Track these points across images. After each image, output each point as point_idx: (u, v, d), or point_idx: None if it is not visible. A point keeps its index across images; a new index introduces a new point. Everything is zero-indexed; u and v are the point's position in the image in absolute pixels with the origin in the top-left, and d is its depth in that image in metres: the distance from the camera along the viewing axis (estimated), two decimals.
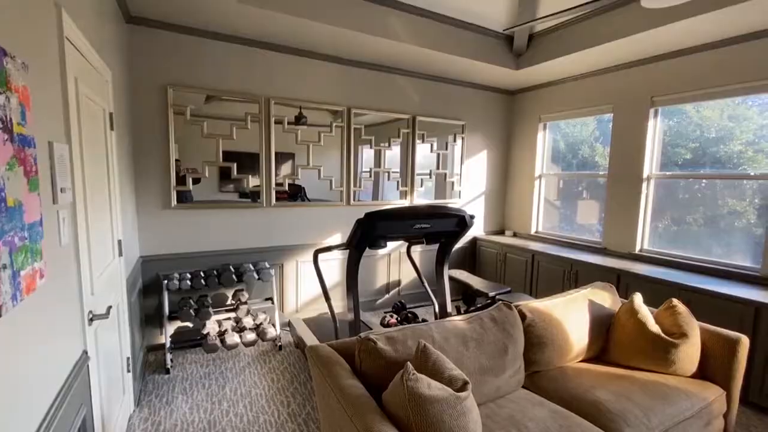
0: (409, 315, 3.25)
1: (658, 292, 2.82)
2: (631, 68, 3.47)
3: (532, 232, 4.52)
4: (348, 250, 2.17)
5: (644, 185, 3.44)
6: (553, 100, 4.20)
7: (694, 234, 3.22)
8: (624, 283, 3.11)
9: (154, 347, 3.03)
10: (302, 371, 2.74)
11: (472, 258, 4.65)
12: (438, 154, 4.26)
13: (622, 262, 3.38)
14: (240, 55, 3.12)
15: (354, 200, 3.77)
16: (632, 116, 3.48)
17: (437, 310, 2.63)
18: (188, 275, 2.95)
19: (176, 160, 2.97)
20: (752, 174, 2.85)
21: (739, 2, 2.28)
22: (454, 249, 4.40)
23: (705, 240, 3.15)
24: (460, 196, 4.44)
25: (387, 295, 4.07)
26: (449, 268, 4.17)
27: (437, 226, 2.17)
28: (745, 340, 1.87)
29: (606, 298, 2.25)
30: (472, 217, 2.24)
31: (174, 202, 2.98)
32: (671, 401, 1.70)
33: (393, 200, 4.04)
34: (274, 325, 3.08)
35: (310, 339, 2.79)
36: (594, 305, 2.14)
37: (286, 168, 3.42)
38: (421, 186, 4.16)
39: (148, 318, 2.98)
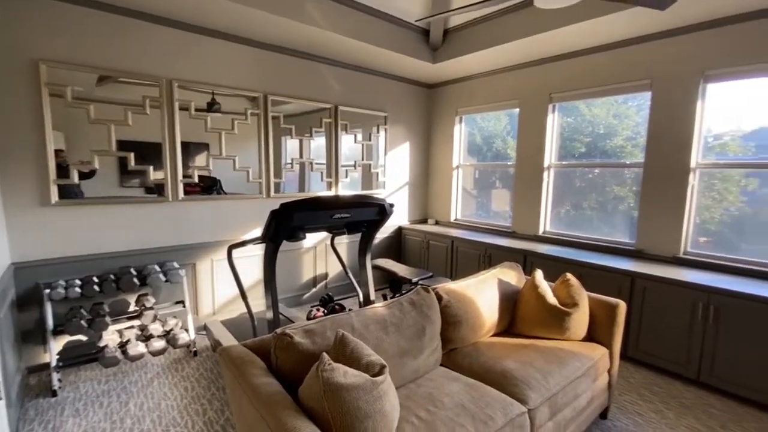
0: (336, 307, 3.23)
1: (557, 268, 3.16)
2: (532, 67, 3.80)
3: (452, 219, 4.77)
4: (264, 244, 2.06)
5: (545, 174, 3.81)
6: (468, 94, 4.44)
7: (588, 217, 3.66)
8: (530, 262, 3.43)
9: (37, 368, 2.60)
10: (221, 376, 2.57)
11: (397, 247, 4.77)
12: (362, 145, 4.25)
13: (528, 243, 3.72)
14: (135, 31, 2.76)
15: (276, 192, 3.61)
16: (534, 111, 3.83)
17: (361, 299, 2.64)
18: (77, 282, 2.56)
19: (58, 150, 2.55)
20: (627, 163, 3.32)
21: (611, 12, 2.60)
22: (380, 239, 4.50)
23: (596, 222, 3.60)
24: (384, 187, 4.51)
25: (314, 289, 3.99)
26: (373, 258, 4.22)
27: (357, 216, 2.16)
28: (622, 305, 2.18)
29: (513, 276, 2.45)
30: (391, 205, 2.28)
31: (55, 197, 2.55)
32: (566, 363, 1.91)
33: (320, 192, 3.95)
34: (187, 330, 2.83)
35: (228, 341, 2.62)
36: (502, 283, 2.32)
37: (200, 159, 3.14)
38: (347, 177, 4.13)
39: (26, 334, 2.54)
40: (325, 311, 3.17)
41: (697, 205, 2.96)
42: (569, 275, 2.27)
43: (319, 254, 3.98)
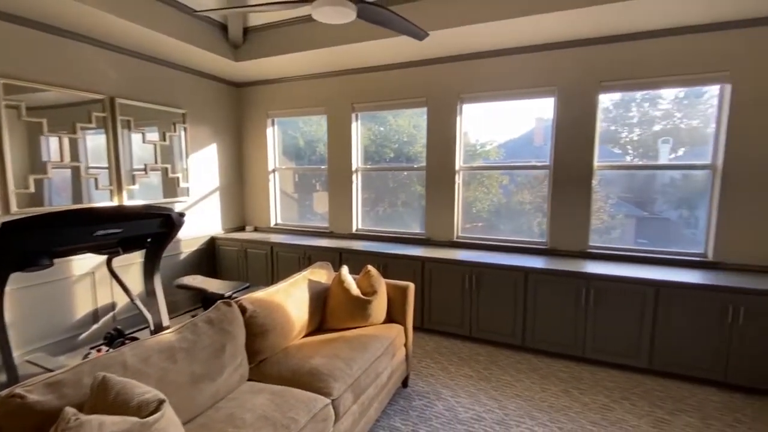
0: (127, 342, 2.67)
1: (368, 261, 3.47)
2: (338, 76, 4.06)
3: (272, 224, 4.65)
4: None
5: (354, 177, 4.14)
6: (279, 97, 4.40)
7: (400, 213, 4.15)
8: (345, 258, 3.66)
9: None
10: None
11: (211, 260, 4.33)
12: (156, 146, 3.66)
13: (344, 241, 3.97)
14: None
15: (30, 207, 2.71)
16: (341, 119, 4.10)
17: (152, 328, 2.26)
18: None
19: None
20: (416, 166, 3.94)
21: (391, 36, 3.02)
22: (187, 253, 3.98)
23: (405, 217, 4.12)
24: (188, 194, 4.01)
25: (96, 326, 3.20)
26: (179, 276, 3.72)
27: (134, 230, 1.83)
28: (411, 287, 2.56)
29: (323, 275, 2.56)
30: (181, 215, 2.02)
31: None
32: (368, 347, 2.11)
33: (101, 202, 3.17)
34: None
35: None
36: (312, 283, 2.38)
37: None
38: (135, 184, 3.46)
39: None
40: (111, 351, 2.58)
41: (464, 198, 3.77)
42: (370, 267, 2.53)
43: (100, 281, 3.21)
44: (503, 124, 3.68)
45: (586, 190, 3.20)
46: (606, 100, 3.24)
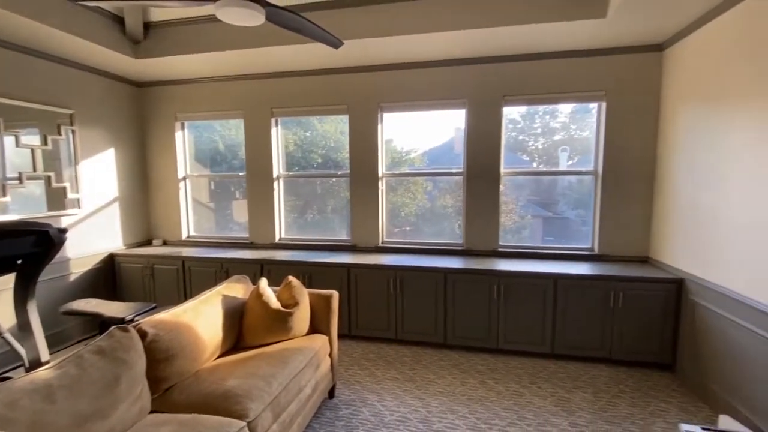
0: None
1: (292, 272, 3.36)
2: (256, 80, 3.89)
3: (185, 237, 4.27)
4: None
5: (276, 184, 4.00)
6: (189, 98, 4.08)
7: (329, 219, 4.08)
8: (267, 270, 3.50)
9: None
10: None
11: (110, 280, 3.83)
12: (34, 151, 3.14)
13: (266, 252, 3.80)
14: None
15: None
16: (259, 123, 3.94)
17: (27, 365, 1.91)
18: None
19: None
20: (339, 173, 3.93)
21: (306, 42, 2.99)
22: (79, 273, 3.46)
23: (333, 223, 4.06)
24: (79, 206, 3.51)
25: None
26: (70, 299, 3.23)
27: None
28: (335, 295, 2.53)
29: (240, 289, 2.42)
30: (62, 231, 1.75)
31: None
32: (289, 361, 2.03)
33: None
34: None
35: None
36: (227, 299, 2.24)
37: None
38: (5, 196, 2.93)
39: None
40: None
41: (390, 204, 3.85)
42: (291, 278, 2.45)
43: None
44: (427, 133, 3.86)
45: (495, 194, 3.49)
46: (514, 113, 3.59)
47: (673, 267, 2.86)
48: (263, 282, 2.35)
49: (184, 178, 4.25)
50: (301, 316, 2.33)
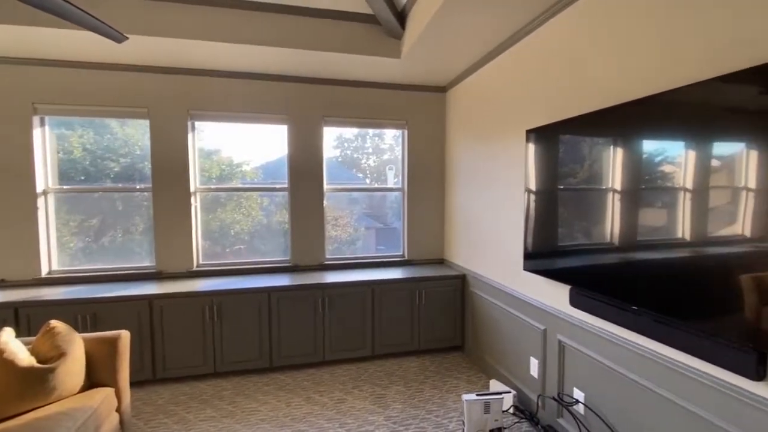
0: None
1: (65, 314, 2.61)
2: (13, 65, 2.94)
3: None
4: None
5: (41, 201, 3.08)
6: None
7: (132, 243, 3.33)
8: (25, 316, 2.64)
9: None
10: None
11: None
12: None
13: (24, 291, 2.87)
14: None
15: None
16: (11, 123, 2.98)
17: None
18: None
19: None
20: (138, 187, 3.33)
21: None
22: None
23: (136, 248, 3.34)
24: None
25: None
26: None
27: None
28: (125, 335, 2.10)
29: None
30: None
31: None
32: None
33: None
34: None
35: None
36: None
37: None
38: None
39: None
40: None
41: (216, 222, 3.47)
42: (53, 322, 1.90)
43: None
44: (263, 146, 3.68)
45: (319, 208, 3.60)
46: (348, 132, 3.88)
47: (459, 265, 3.54)
48: (6, 334, 1.75)
49: None
50: (70, 370, 1.83)
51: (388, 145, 4.05)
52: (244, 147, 3.64)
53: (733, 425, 1.31)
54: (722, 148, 1.31)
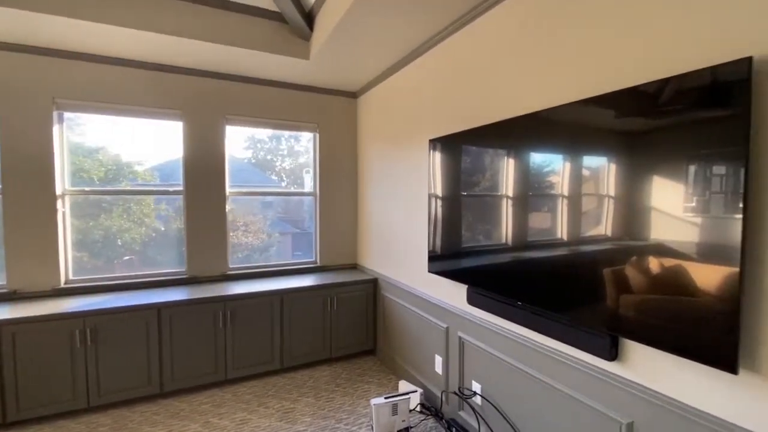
0: None
1: None
2: None
3: None
4: None
5: None
6: None
7: None
8: None
9: None
10: None
11: None
12: None
13: None
14: None
15: None
16: None
17: None
18: None
19: None
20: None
21: None
22: None
23: None
24: None
25: None
26: None
27: None
28: None
29: None
30: None
31: None
32: None
33: None
34: None
35: None
36: None
37: None
38: None
39: None
40: None
41: (76, 230, 2.95)
42: None
43: None
44: (161, 144, 3.23)
45: (221, 214, 3.32)
46: (261, 133, 3.63)
47: (371, 270, 3.56)
48: None
49: None
50: None
51: (304, 147, 3.92)
52: (136, 145, 3.19)
53: (594, 400, 1.52)
54: (590, 161, 1.51)
